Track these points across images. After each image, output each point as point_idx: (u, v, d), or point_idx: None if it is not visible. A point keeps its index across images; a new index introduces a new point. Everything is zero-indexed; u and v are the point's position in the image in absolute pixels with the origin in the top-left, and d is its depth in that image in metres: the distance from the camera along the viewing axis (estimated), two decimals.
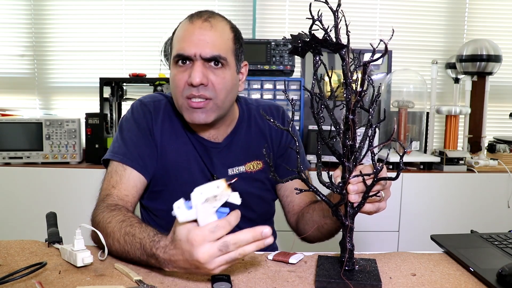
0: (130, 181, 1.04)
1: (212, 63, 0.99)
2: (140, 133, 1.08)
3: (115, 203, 0.99)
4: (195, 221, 0.74)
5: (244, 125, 1.15)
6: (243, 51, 1.08)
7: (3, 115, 2.26)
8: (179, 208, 0.74)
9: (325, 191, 0.84)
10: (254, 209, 1.15)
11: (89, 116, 2.13)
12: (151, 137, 1.08)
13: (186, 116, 1.03)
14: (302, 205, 1.17)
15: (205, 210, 0.73)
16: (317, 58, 0.78)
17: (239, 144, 1.14)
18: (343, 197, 0.79)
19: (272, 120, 0.83)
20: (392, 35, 0.71)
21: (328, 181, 0.81)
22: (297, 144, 0.83)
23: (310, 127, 2.16)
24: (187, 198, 0.80)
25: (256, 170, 1.15)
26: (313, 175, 1.16)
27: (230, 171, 1.12)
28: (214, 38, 0.99)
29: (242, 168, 1.13)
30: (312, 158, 2.09)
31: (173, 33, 1.06)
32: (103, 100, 2.12)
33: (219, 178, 1.09)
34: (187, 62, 1.00)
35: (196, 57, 0.98)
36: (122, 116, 1.15)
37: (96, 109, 2.17)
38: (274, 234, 1.28)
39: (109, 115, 2.19)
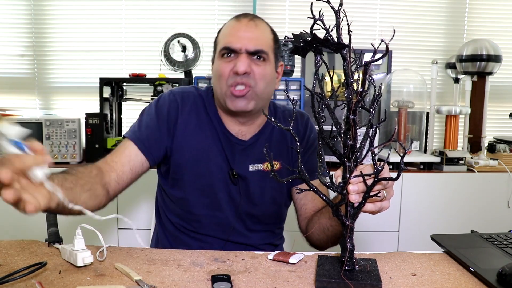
0: (125, 152, 1.10)
1: (255, 57, 1.08)
2: (156, 119, 1.14)
3: (97, 165, 1.04)
4: None
5: (270, 127, 1.20)
6: (280, 51, 1.18)
7: (3, 115, 2.26)
8: None
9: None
10: (263, 209, 1.17)
11: (89, 116, 2.13)
12: (167, 126, 1.13)
13: (229, 103, 1.08)
14: (315, 209, 1.17)
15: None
16: (318, 57, 0.78)
17: (263, 143, 1.17)
18: (344, 197, 0.79)
19: (273, 120, 0.83)
20: (393, 36, 0.71)
21: (329, 181, 0.81)
22: (298, 143, 0.82)
23: None
24: (202, 190, 0.82)
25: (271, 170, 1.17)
26: None
27: (251, 167, 1.16)
28: (258, 34, 1.09)
29: (260, 166, 1.17)
30: None
31: (218, 32, 1.15)
32: (103, 100, 2.12)
33: (238, 173, 1.14)
34: (232, 55, 1.08)
35: (241, 50, 1.07)
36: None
37: (96, 109, 2.17)
38: (282, 239, 1.29)
39: (109, 115, 2.19)
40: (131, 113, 2.48)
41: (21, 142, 0.71)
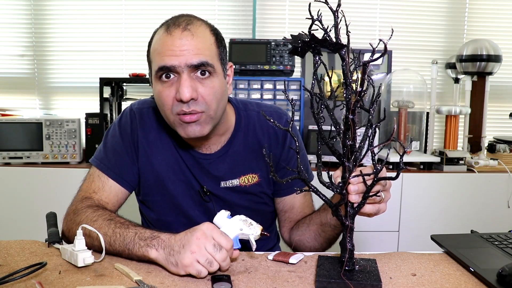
0: (112, 191, 1.04)
1: (199, 73, 0.92)
2: (122, 140, 1.06)
3: (96, 205, 0.99)
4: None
5: (241, 135, 1.07)
6: (226, 52, 1.02)
7: (3, 115, 2.26)
8: (221, 213, 0.88)
9: (326, 192, 0.84)
10: None
11: (89, 116, 2.13)
12: (133, 146, 1.06)
13: (181, 132, 0.96)
14: (297, 220, 1.13)
15: (233, 226, 0.86)
16: (317, 58, 0.78)
17: (234, 156, 1.06)
18: (343, 197, 0.79)
19: (272, 121, 0.82)
20: (391, 35, 0.71)
21: (328, 181, 0.80)
22: (297, 144, 0.82)
23: (310, 127, 2.16)
24: (174, 209, 0.98)
25: (251, 184, 1.07)
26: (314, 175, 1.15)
27: (223, 184, 1.06)
28: (198, 45, 0.91)
29: (236, 182, 1.06)
30: (312, 158, 2.09)
31: (149, 44, 0.98)
32: (103, 100, 2.12)
33: (209, 190, 1.06)
34: (172, 76, 0.92)
35: (181, 67, 0.90)
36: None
37: (96, 109, 2.17)
38: (276, 239, 1.23)
39: (109, 115, 2.19)
40: None
41: (239, 245, 0.87)
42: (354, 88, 0.77)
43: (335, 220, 0.98)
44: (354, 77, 0.77)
